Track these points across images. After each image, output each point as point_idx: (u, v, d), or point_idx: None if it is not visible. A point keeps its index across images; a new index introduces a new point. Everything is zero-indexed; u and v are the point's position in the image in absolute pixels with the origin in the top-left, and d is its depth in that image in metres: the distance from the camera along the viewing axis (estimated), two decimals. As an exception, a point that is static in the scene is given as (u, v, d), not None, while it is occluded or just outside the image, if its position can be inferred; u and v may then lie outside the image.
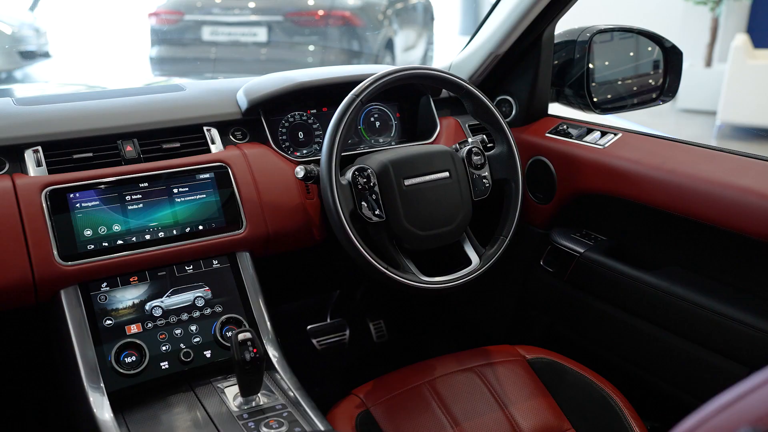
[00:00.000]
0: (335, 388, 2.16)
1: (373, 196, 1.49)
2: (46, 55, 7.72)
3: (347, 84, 1.56)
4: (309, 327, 2.20)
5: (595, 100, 1.90)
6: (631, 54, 2.03)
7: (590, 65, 1.89)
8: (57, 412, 1.76)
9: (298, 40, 5.67)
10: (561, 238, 1.83)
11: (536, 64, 1.86)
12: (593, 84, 1.95)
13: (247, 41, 5.57)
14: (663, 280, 1.59)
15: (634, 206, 1.64)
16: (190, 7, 5.72)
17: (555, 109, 1.99)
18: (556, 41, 1.90)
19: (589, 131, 1.80)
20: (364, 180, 1.49)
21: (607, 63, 1.98)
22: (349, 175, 1.49)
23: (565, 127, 1.85)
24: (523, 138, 1.90)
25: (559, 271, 1.83)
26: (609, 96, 1.99)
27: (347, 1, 5.94)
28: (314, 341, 2.18)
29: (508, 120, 1.95)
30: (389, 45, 6.12)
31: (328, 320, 2.26)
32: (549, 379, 1.59)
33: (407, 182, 1.52)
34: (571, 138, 1.81)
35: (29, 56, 7.48)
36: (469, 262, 1.57)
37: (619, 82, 2.03)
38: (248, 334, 1.27)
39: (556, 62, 1.93)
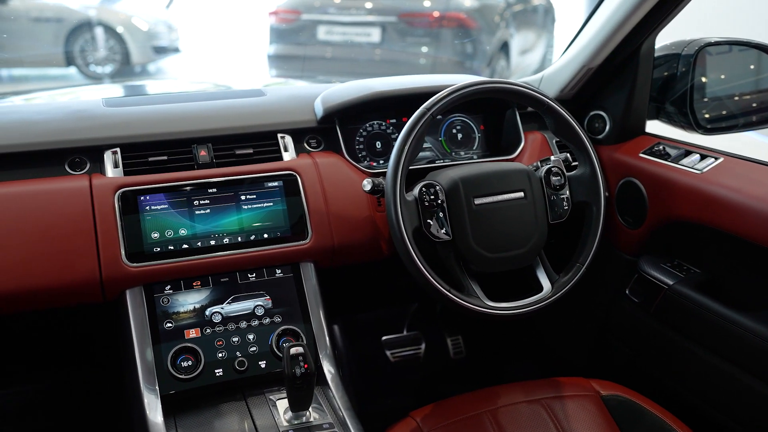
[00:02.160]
0: (406, 401, 2.12)
1: (441, 214, 1.43)
2: (177, 50, 8.15)
3: (426, 94, 1.50)
4: (384, 338, 2.17)
5: (701, 118, 1.74)
6: (744, 70, 1.85)
7: (696, 81, 1.74)
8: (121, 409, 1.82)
9: (411, 41, 5.65)
10: (649, 267, 1.70)
11: (633, 78, 1.73)
12: (705, 100, 1.79)
13: (361, 41, 5.61)
14: (760, 324, 1.43)
15: (732, 239, 1.49)
16: (308, 6, 5.84)
17: (655, 127, 1.85)
18: (657, 54, 1.76)
19: (688, 153, 1.66)
20: (432, 197, 1.43)
21: (715, 79, 1.82)
22: (416, 190, 1.44)
23: (661, 147, 1.71)
24: (615, 157, 1.78)
25: (646, 302, 1.70)
26: (717, 115, 1.82)
27: (463, 2, 5.86)
28: (388, 353, 2.15)
29: (600, 137, 1.83)
30: (504, 47, 5.99)
31: (405, 332, 2.22)
32: (623, 419, 1.47)
33: (477, 201, 1.45)
34: (667, 159, 1.67)
35: (161, 51, 7.92)
36: (540, 289, 1.48)
37: (729, 100, 1.86)
38: (300, 349, 1.25)
39: (659, 76, 1.79)
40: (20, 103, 2.16)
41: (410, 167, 1.63)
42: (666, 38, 1.78)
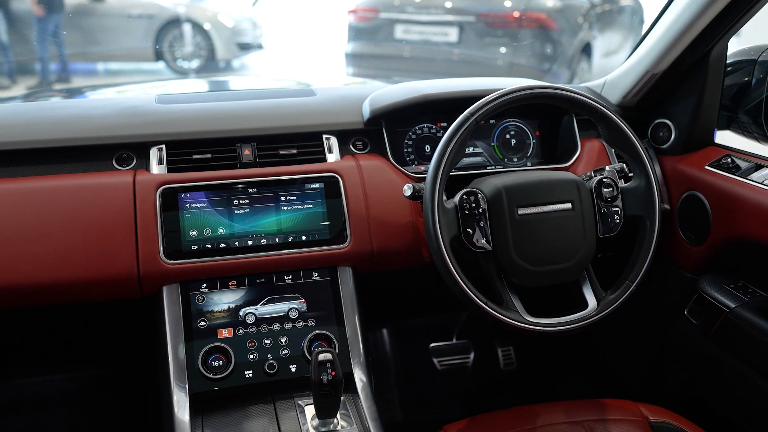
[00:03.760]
0: (450, 411, 2.07)
1: (481, 223, 1.37)
2: (260, 47, 8.32)
3: (475, 98, 1.44)
4: (432, 345, 2.12)
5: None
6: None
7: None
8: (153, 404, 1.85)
9: (489, 42, 5.56)
10: (710, 287, 1.59)
11: (702, 85, 1.62)
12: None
13: (438, 41, 5.56)
14: None
15: None
16: (387, 5, 5.83)
17: (727, 138, 1.73)
18: (730, 60, 1.65)
19: (759, 167, 1.54)
20: (473, 205, 1.37)
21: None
22: (457, 198, 1.39)
23: (729, 160, 1.60)
24: (679, 168, 1.67)
25: (705, 324, 1.59)
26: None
27: (545, 2, 5.72)
28: (435, 360, 2.10)
29: (665, 147, 1.73)
30: (586, 49, 5.80)
31: (454, 340, 2.16)
32: None
33: (521, 211, 1.38)
34: (735, 173, 1.55)
35: (245, 47, 8.11)
36: (585, 306, 1.40)
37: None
38: (329, 355, 1.22)
39: (732, 84, 1.67)
40: (112, 95, 2.24)
41: (456, 174, 1.59)
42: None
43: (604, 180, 1.44)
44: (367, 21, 5.91)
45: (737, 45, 1.69)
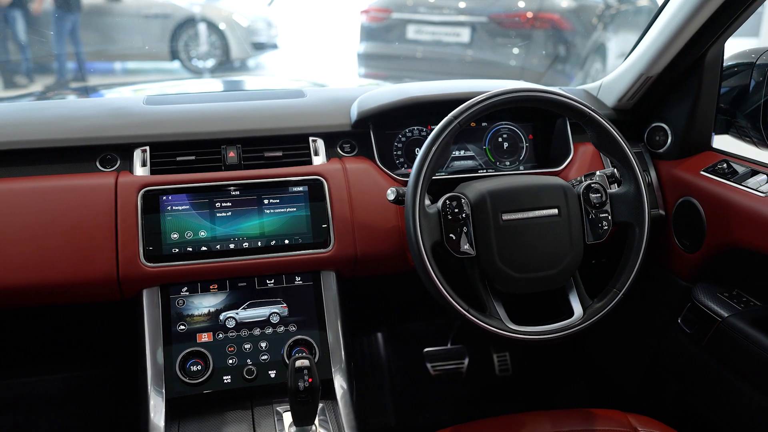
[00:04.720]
0: (443, 418, 2.04)
1: (465, 229, 1.35)
2: (275, 46, 8.32)
3: (464, 100, 1.41)
4: (426, 350, 2.09)
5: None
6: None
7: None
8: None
9: (502, 42, 5.51)
10: (704, 295, 1.55)
11: (697, 88, 1.58)
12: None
13: (450, 41, 5.52)
14: None
15: None
16: (399, 5, 5.80)
17: (727, 142, 1.69)
18: (727, 63, 1.61)
19: (754, 173, 1.50)
20: (456, 210, 1.34)
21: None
22: (440, 203, 1.36)
23: (725, 165, 1.56)
24: (675, 173, 1.64)
25: (698, 334, 1.55)
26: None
27: (559, 3, 5.65)
28: (429, 365, 2.08)
29: (661, 151, 1.69)
30: (600, 50, 5.74)
31: (449, 345, 2.13)
32: None
33: (505, 217, 1.35)
34: (730, 179, 1.51)
35: (260, 47, 8.12)
36: (571, 314, 1.37)
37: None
38: (306, 362, 1.20)
39: (730, 87, 1.63)
40: (129, 94, 2.24)
41: (446, 177, 1.56)
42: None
43: (593, 185, 1.40)
44: (379, 21, 5.89)
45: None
